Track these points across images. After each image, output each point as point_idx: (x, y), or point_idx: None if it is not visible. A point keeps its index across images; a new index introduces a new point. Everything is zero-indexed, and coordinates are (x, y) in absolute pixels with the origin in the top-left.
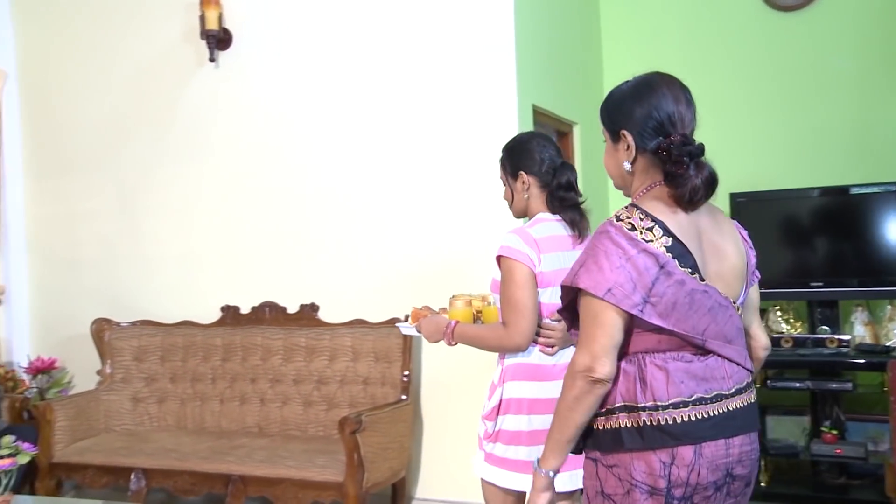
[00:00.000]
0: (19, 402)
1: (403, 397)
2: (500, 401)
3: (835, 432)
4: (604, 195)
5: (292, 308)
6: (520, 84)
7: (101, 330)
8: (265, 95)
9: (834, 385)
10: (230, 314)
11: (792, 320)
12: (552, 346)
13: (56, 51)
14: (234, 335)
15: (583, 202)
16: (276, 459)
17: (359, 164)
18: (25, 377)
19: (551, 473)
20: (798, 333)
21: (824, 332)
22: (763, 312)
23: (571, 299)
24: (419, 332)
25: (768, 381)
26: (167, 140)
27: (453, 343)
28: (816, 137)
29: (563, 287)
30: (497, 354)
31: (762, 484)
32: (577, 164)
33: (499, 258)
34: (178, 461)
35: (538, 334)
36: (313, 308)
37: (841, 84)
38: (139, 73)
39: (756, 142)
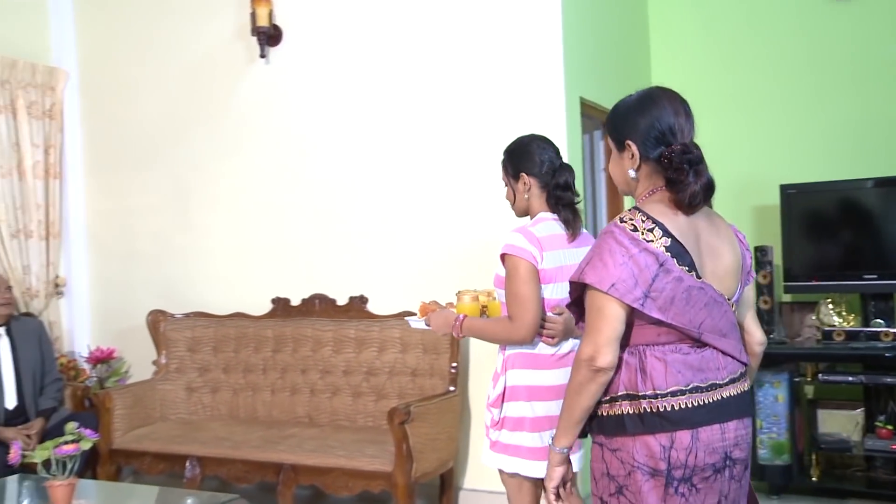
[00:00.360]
0: (80, 391)
1: (451, 389)
2: (504, 388)
3: (890, 427)
4: None
5: (342, 300)
6: (567, 76)
7: (157, 321)
8: (314, 90)
9: (889, 379)
10: (281, 306)
11: (844, 313)
12: (553, 338)
13: (114, 51)
14: (285, 327)
15: (578, 202)
16: (326, 449)
17: (407, 158)
18: (86, 366)
19: (565, 450)
20: (851, 326)
21: (878, 325)
22: (815, 305)
23: (579, 295)
24: (428, 325)
25: (820, 375)
26: (219, 135)
27: (461, 336)
28: (868, 127)
29: (571, 283)
30: (497, 345)
31: (813, 479)
32: None
33: (503, 256)
34: (232, 450)
35: (541, 327)
36: (362, 300)
37: (893, 73)
38: (192, 70)
39: (806, 133)
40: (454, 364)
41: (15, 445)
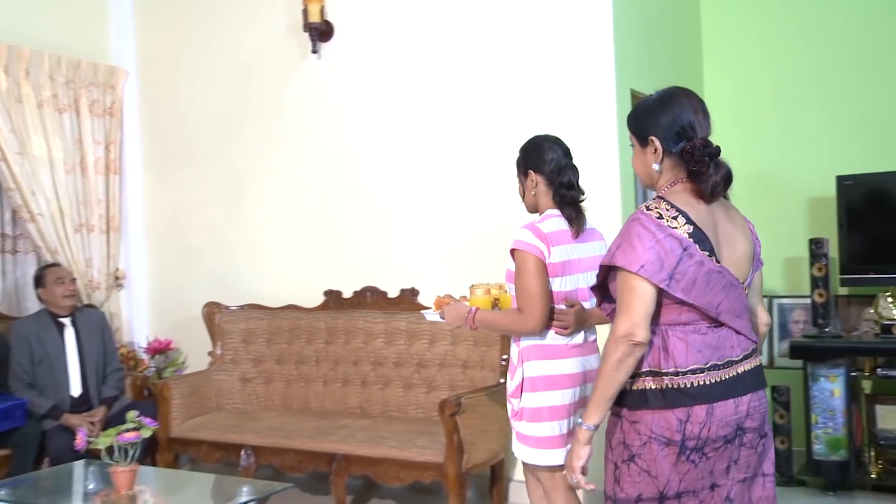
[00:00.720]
0: (140, 381)
1: (502, 380)
2: (522, 380)
3: None
4: None
5: (393, 293)
6: (618, 68)
7: (212, 313)
8: (365, 85)
9: None
10: (333, 298)
11: None
12: (566, 329)
13: (171, 49)
14: (337, 319)
15: (582, 200)
16: (377, 440)
17: (457, 152)
18: (145, 357)
19: (594, 428)
20: None
21: None
22: (872, 298)
23: (603, 279)
24: (443, 318)
25: (878, 370)
26: (272, 130)
27: (474, 328)
28: None
29: (600, 266)
30: (513, 337)
31: (872, 475)
32: None
33: (513, 251)
34: (285, 439)
35: (553, 318)
36: (413, 293)
37: None
38: (246, 66)
39: (864, 122)
40: (505, 356)
41: (80, 432)
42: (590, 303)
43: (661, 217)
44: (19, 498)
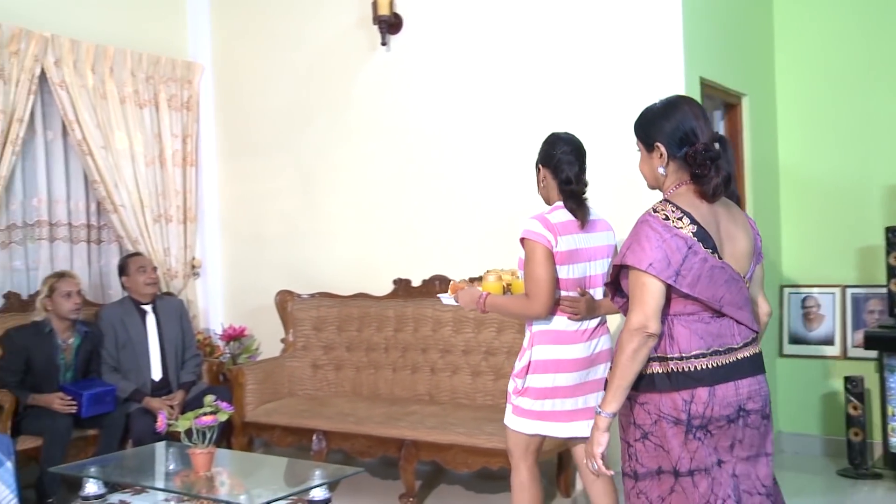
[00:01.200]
0: (216, 366)
1: None
2: (529, 362)
3: None
4: (773, 166)
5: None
6: (687, 56)
7: (284, 301)
8: (434, 76)
9: None
10: (402, 287)
11: None
12: (577, 314)
13: (245, 43)
14: (406, 307)
15: (583, 193)
16: (446, 426)
17: (525, 143)
18: (220, 343)
19: (612, 415)
20: None
21: None
22: None
23: (616, 276)
24: (457, 302)
25: None
26: (342, 122)
27: (485, 311)
28: None
29: (612, 265)
30: (525, 322)
31: None
32: (746, 137)
33: (522, 240)
34: (356, 425)
35: (561, 303)
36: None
37: None
38: (317, 59)
39: None
40: None
41: (161, 415)
42: (595, 290)
43: (667, 218)
44: (107, 476)
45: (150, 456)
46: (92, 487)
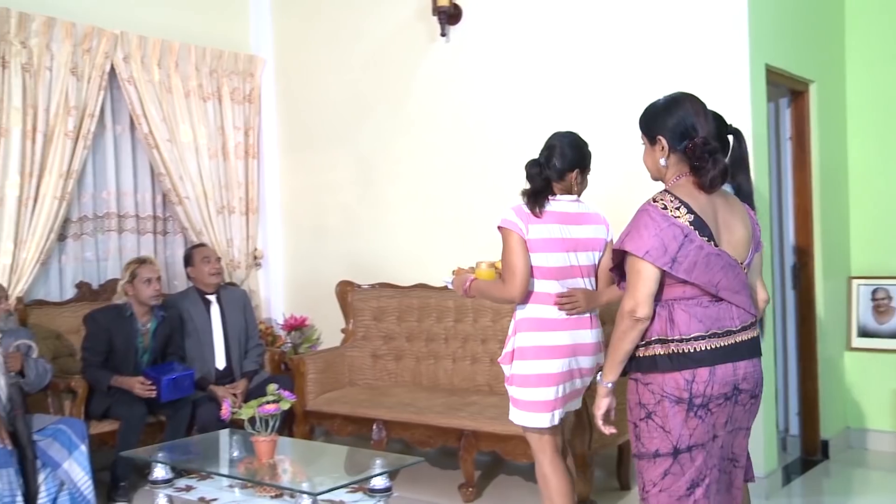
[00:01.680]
0: (277, 356)
1: None
2: (514, 349)
3: None
4: (842, 154)
5: None
6: (752, 42)
7: (345, 291)
8: (493, 67)
9: None
10: None
11: None
12: (576, 309)
13: (305, 37)
14: (466, 298)
15: (540, 190)
16: (506, 417)
17: (587, 134)
18: (282, 333)
19: (610, 384)
20: None
21: None
22: None
23: (620, 261)
24: (451, 286)
25: None
26: (402, 113)
27: (470, 295)
28: None
29: (613, 251)
30: (513, 310)
31: None
32: (814, 124)
33: (499, 228)
34: (416, 415)
35: (557, 301)
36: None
37: None
38: (376, 51)
39: None
40: None
41: (225, 403)
42: (584, 281)
43: (665, 208)
44: (174, 461)
45: (215, 443)
46: (160, 472)
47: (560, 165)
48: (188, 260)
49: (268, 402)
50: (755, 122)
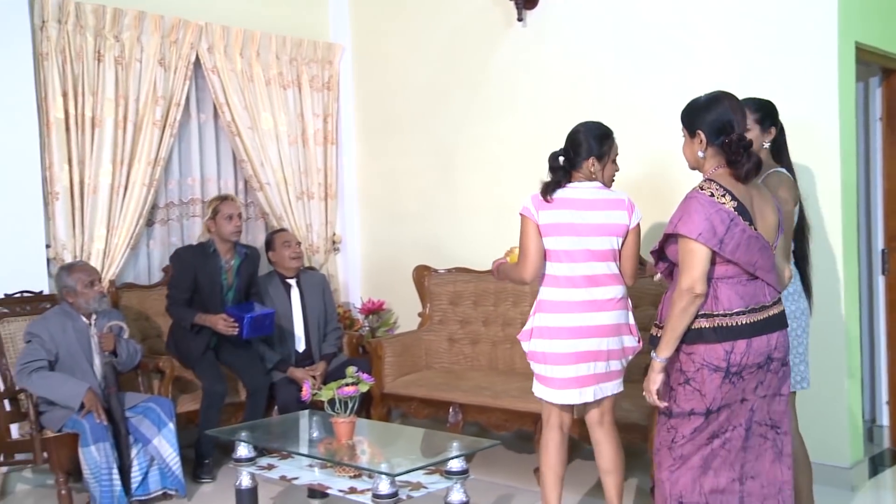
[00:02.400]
0: (355, 339)
1: None
2: (532, 328)
3: None
4: None
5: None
6: (841, 19)
7: (422, 276)
8: (570, 52)
9: None
10: None
11: None
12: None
13: (382, 23)
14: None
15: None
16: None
17: (663, 118)
18: (359, 317)
19: (664, 360)
20: None
21: None
22: None
23: (662, 245)
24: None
25: None
26: (479, 98)
27: (497, 278)
28: None
29: (664, 234)
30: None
31: None
32: None
33: (520, 214)
34: (492, 398)
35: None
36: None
37: None
38: (453, 36)
39: None
40: None
41: (306, 385)
42: (602, 265)
43: (712, 195)
44: (256, 440)
45: (295, 423)
46: (243, 451)
47: (575, 155)
48: (269, 245)
49: (347, 385)
50: (843, 103)
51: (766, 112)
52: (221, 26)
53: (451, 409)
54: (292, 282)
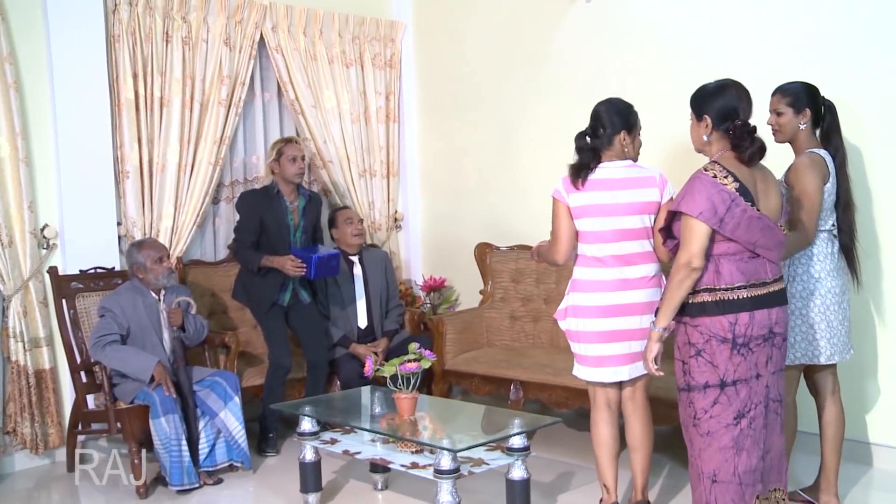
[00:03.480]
0: (417, 316)
1: None
2: (567, 307)
3: None
4: None
5: None
6: None
7: (483, 253)
8: (633, 28)
9: None
10: None
11: None
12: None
13: (444, 0)
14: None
15: (591, 162)
16: None
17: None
18: (421, 294)
19: (662, 330)
20: None
21: None
22: None
23: (669, 222)
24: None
25: None
26: (541, 76)
27: (537, 260)
28: None
29: (668, 212)
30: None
31: None
32: None
33: (552, 196)
34: (552, 376)
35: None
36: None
37: None
38: (515, 13)
39: None
40: None
41: (368, 361)
42: (635, 244)
43: (715, 177)
44: (319, 415)
45: (357, 399)
46: (307, 425)
47: (608, 131)
48: (332, 222)
49: (409, 361)
50: None
51: (797, 96)
52: (285, 5)
53: (511, 386)
54: (354, 259)
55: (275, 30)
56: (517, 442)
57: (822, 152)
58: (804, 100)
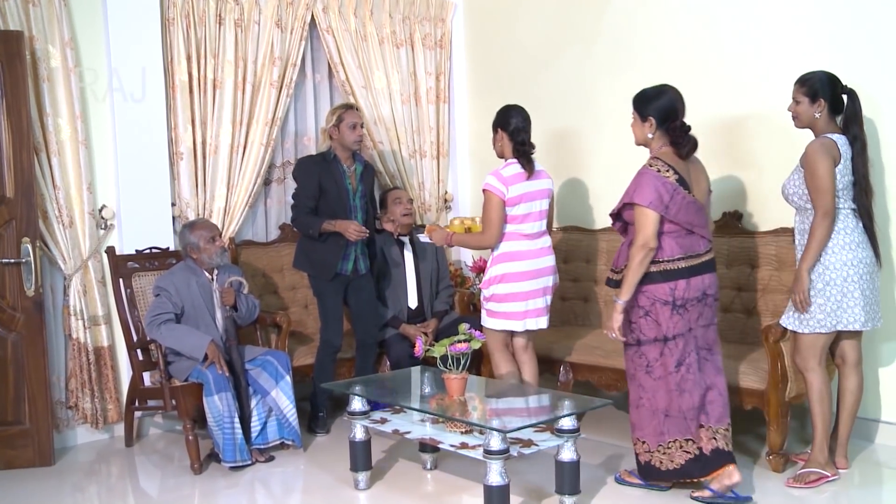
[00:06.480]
0: (466, 297)
1: None
2: (491, 277)
3: None
4: None
5: (715, 216)
6: None
7: None
8: (686, 7)
9: None
10: None
11: None
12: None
13: None
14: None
15: (532, 152)
16: None
17: (784, 78)
18: (470, 275)
19: (623, 302)
20: None
21: None
22: None
23: (619, 211)
24: (431, 240)
25: None
26: (592, 56)
27: (451, 245)
28: None
29: (623, 203)
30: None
31: None
32: None
33: (483, 190)
34: (602, 358)
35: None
36: (735, 216)
37: None
38: None
39: None
40: None
41: (418, 341)
42: (539, 224)
43: (658, 171)
44: (369, 395)
45: (407, 379)
46: (357, 404)
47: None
48: (382, 202)
49: (459, 342)
50: None
51: (813, 86)
52: None
53: (561, 368)
54: (405, 239)
55: (326, 11)
56: (567, 423)
57: (835, 136)
58: (820, 90)
